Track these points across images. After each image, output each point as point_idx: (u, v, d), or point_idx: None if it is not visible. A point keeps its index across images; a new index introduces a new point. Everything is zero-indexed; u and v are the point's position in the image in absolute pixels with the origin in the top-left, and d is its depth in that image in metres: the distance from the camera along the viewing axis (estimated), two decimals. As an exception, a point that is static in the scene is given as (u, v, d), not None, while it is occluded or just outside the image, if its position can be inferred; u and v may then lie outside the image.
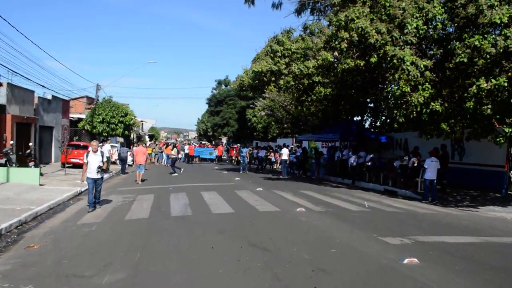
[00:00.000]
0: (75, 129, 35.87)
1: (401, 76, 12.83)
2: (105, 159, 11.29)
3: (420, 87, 13.18)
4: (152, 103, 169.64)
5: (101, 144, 21.95)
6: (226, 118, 60.59)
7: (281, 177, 23.20)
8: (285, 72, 19.29)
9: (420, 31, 13.00)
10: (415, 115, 13.66)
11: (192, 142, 54.08)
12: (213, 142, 63.36)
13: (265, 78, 20.04)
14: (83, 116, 36.51)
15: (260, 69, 19.55)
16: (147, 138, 79.75)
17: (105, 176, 20.76)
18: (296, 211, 10.83)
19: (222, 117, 61.26)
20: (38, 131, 25.47)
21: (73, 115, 38.99)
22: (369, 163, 20.06)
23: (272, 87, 20.54)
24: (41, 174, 19.47)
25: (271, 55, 19.71)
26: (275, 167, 29.39)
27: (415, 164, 16.77)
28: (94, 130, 33.11)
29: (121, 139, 41.15)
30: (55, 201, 12.47)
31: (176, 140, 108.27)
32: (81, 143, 25.21)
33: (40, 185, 15.74)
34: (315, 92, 19.46)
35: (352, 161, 20.75)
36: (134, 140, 65.08)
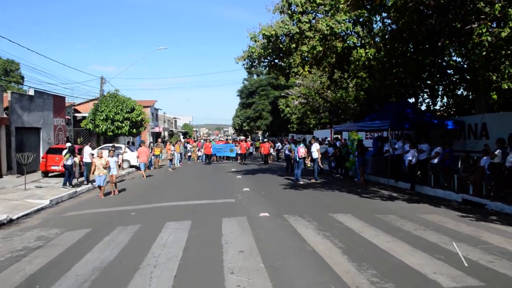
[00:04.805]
0: (78, 129, 31.32)
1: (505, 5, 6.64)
2: None
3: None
4: (184, 98, 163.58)
5: (67, 148, 16.75)
6: (258, 110, 54.78)
7: (312, 180, 17.32)
8: (309, 35, 13.34)
9: None
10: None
11: (210, 139, 47.07)
12: (249, 137, 57.57)
13: (281, 45, 14.16)
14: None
15: (273, 32, 13.70)
16: (180, 136, 75.68)
17: (82, 188, 15.94)
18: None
19: (255, 109, 55.49)
20: (14, 134, 20.89)
21: (80, 114, 34.63)
22: (435, 160, 13.93)
23: (297, 56, 14.51)
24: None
25: (288, 11, 13.80)
26: (308, 165, 23.38)
27: (517, 162, 10.60)
28: (97, 130, 28.39)
29: (137, 140, 36.25)
30: None
31: (217, 136, 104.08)
32: (66, 146, 20.24)
33: (-48, 212, 10.79)
34: (353, 59, 13.20)
35: (410, 158, 14.52)
36: (166, 138, 60.82)
